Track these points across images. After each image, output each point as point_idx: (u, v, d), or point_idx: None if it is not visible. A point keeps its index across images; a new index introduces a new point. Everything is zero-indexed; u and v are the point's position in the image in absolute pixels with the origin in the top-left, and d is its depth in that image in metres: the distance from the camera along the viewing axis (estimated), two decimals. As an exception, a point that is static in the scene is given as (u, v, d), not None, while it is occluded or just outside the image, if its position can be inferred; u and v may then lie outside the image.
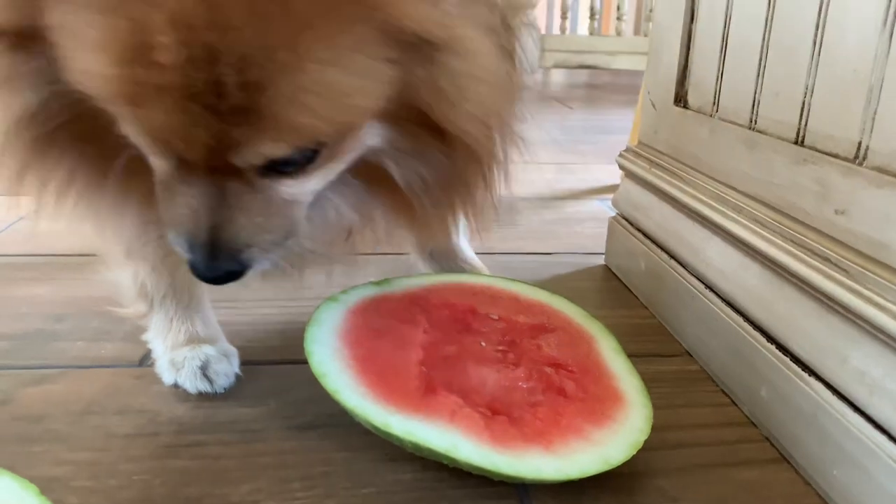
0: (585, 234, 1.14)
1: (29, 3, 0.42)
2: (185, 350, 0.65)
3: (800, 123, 0.62)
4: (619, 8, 3.14)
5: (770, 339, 0.62)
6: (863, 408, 0.51)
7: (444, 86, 0.45)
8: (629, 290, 0.92)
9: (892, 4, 0.51)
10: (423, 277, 0.72)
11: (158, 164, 0.47)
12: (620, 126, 2.05)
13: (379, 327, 0.61)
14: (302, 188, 0.48)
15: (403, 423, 0.51)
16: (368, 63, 0.42)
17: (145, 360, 0.70)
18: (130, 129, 0.43)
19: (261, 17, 0.37)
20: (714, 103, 0.77)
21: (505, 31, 0.54)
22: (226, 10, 0.37)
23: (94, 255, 0.96)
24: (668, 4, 0.86)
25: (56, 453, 0.56)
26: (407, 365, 0.57)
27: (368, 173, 0.53)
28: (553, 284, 0.94)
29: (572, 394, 0.57)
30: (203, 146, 0.41)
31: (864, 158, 0.54)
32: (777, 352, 0.61)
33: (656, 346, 0.77)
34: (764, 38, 0.67)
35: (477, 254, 1.03)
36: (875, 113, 0.53)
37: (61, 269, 0.92)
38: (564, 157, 1.72)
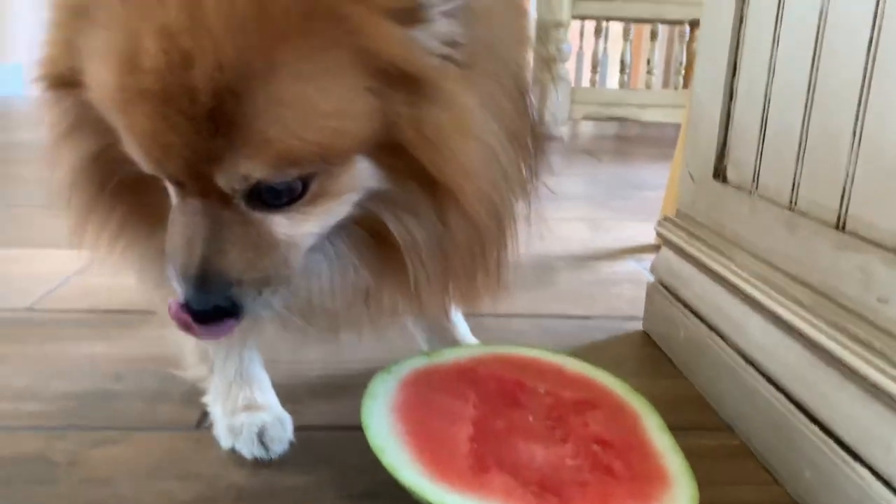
0: (623, 296, 1.16)
1: (72, 45, 0.47)
2: (243, 416, 0.68)
3: (840, 209, 0.64)
4: (648, 61, 3.19)
5: (813, 419, 0.63)
6: (910, 497, 0.52)
7: (427, 131, 0.46)
8: (668, 358, 0.93)
9: (932, 105, 0.54)
10: (471, 349, 0.74)
11: (172, 198, 0.50)
12: (653, 182, 2.08)
13: (430, 401, 0.63)
14: (297, 229, 0.49)
15: (460, 502, 0.53)
16: (347, 86, 0.43)
17: (202, 422, 0.73)
18: (126, 143, 0.46)
19: (238, 27, 0.40)
20: (753, 181, 0.79)
21: (520, 92, 0.56)
22: (205, 19, 0.40)
23: (148, 311, 1.00)
24: (706, 81, 0.89)
25: (124, 518, 0.59)
26: (459, 441, 0.59)
27: (372, 229, 0.53)
28: (592, 351, 0.96)
29: (619, 473, 0.58)
30: (179, 156, 0.43)
31: (906, 250, 0.56)
32: (821, 433, 0.62)
33: (697, 419, 0.78)
34: (804, 123, 0.70)
35: (518, 316, 1.06)
36: (916, 207, 0.55)
37: (118, 327, 0.96)
38: (598, 213, 1.75)
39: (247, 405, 0.69)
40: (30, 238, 1.35)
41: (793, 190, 0.72)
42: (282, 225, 0.48)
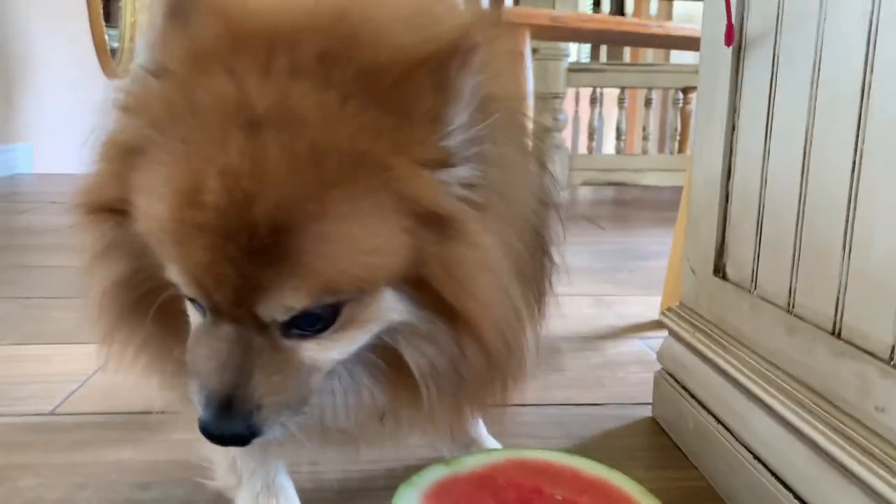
0: (630, 380, 1.19)
1: (121, 178, 0.51)
2: (272, 527, 0.71)
3: (836, 317, 0.68)
4: (644, 128, 3.28)
5: (822, 521, 0.66)
6: None
7: (452, 267, 0.51)
8: (678, 447, 0.96)
9: (913, 228, 0.58)
10: (489, 454, 0.77)
11: (193, 315, 0.53)
12: (654, 250, 2.12)
13: (454, 514, 0.66)
14: (324, 354, 0.52)
15: None
16: (386, 226, 0.48)
17: (229, 533, 0.75)
18: (173, 270, 0.50)
19: (295, 173, 0.45)
20: (752, 281, 0.83)
21: (534, 231, 0.61)
22: (266, 165, 0.45)
23: (170, 412, 1.03)
24: (704, 185, 0.94)
25: None
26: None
27: (385, 355, 0.56)
28: (603, 441, 0.98)
29: (637, 582, 0.61)
30: (231, 286, 0.47)
31: (899, 362, 0.60)
32: (830, 535, 0.64)
33: (709, 513, 0.81)
34: (796, 233, 0.74)
35: (526, 405, 1.08)
36: (905, 322, 0.59)
37: (141, 430, 0.99)
38: (600, 289, 1.78)
39: (274, 515, 0.72)
40: (47, 333, 1.39)
41: (790, 294, 0.75)
42: (310, 350, 0.52)
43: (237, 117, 0.46)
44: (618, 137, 3.25)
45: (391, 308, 0.53)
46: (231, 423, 0.50)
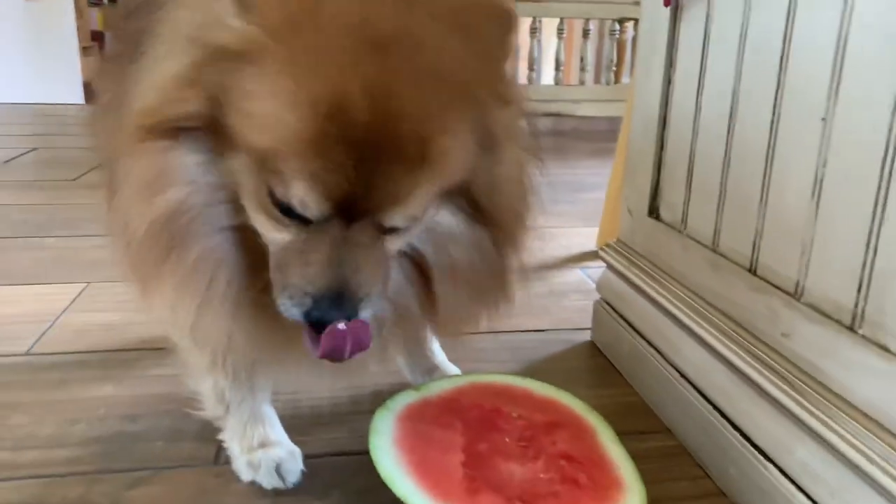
0: (572, 307, 1.30)
1: (211, 87, 0.52)
2: (260, 452, 0.79)
3: (752, 256, 0.79)
4: (582, 59, 3.34)
5: (735, 427, 0.78)
6: (807, 491, 0.67)
7: (492, 178, 0.61)
8: (615, 368, 1.08)
9: (818, 181, 0.68)
10: (453, 380, 0.87)
11: (277, 231, 0.54)
12: (591, 182, 2.23)
13: (425, 433, 0.76)
14: (395, 245, 0.59)
15: None
16: (469, 144, 0.57)
17: (219, 458, 0.83)
18: (299, 179, 0.50)
19: (424, 93, 0.51)
20: (683, 222, 0.93)
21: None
22: (402, 83, 0.50)
23: (145, 349, 1.09)
24: (642, 132, 1.02)
25: (173, 551, 0.69)
26: (454, 468, 0.71)
27: (407, 261, 0.64)
28: (549, 364, 1.10)
29: (584, 484, 0.72)
30: (369, 194, 0.51)
31: (802, 295, 0.71)
32: (742, 439, 0.77)
33: (641, 424, 0.93)
34: (722, 182, 0.84)
35: (479, 333, 1.18)
36: (808, 262, 0.70)
37: (119, 367, 1.04)
38: (544, 220, 1.88)
39: (261, 442, 0.80)
40: (11, 273, 1.40)
41: (715, 235, 0.86)
42: (390, 243, 0.58)
43: (364, 36, 0.50)
44: (556, 68, 3.31)
45: (436, 211, 0.61)
46: (342, 313, 0.54)
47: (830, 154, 0.66)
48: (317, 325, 0.55)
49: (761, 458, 0.73)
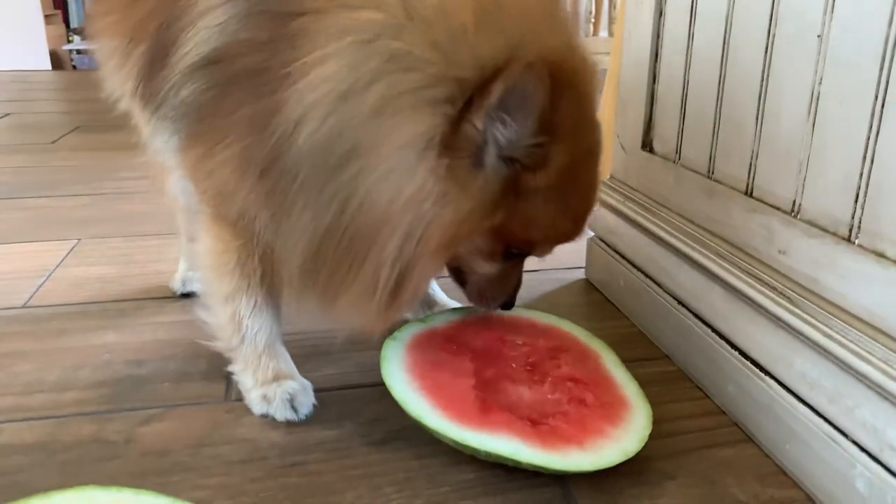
0: (565, 248, 1.31)
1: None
2: (274, 386, 0.80)
3: (748, 179, 0.80)
4: (560, 11, 3.31)
5: (733, 346, 0.81)
6: (806, 399, 0.70)
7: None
8: (611, 302, 1.10)
9: (814, 99, 0.69)
10: (456, 312, 0.88)
11: (489, 265, 0.75)
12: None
13: (435, 360, 0.77)
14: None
15: (477, 437, 0.67)
16: None
17: (229, 395, 0.84)
18: (542, 247, 0.77)
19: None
20: (677, 152, 0.95)
21: None
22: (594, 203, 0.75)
23: (144, 298, 1.09)
24: (633, 67, 1.03)
25: (191, 481, 0.70)
26: (465, 390, 0.73)
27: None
28: (547, 300, 1.11)
29: (591, 403, 0.74)
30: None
31: (798, 212, 0.73)
32: (740, 357, 0.79)
33: (641, 352, 0.95)
34: (716, 108, 0.85)
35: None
36: (804, 180, 0.71)
37: (119, 316, 1.05)
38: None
39: (275, 375, 0.81)
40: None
41: (710, 162, 0.87)
42: None
43: (593, 182, 0.75)
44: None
45: None
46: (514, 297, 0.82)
47: (826, 71, 0.68)
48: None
49: (760, 373, 0.76)
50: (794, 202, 0.73)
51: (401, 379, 0.73)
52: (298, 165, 0.63)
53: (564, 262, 1.26)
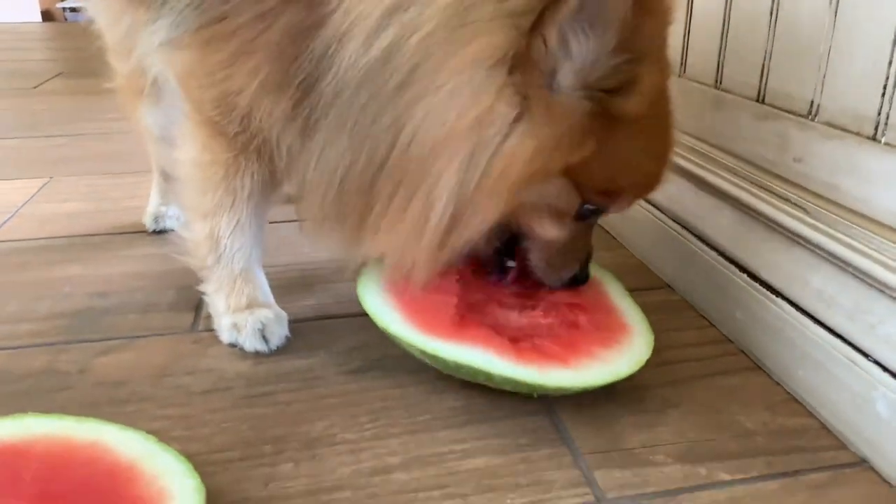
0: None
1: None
2: (246, 314, 0.73)
3: (760, 84, 0.73)
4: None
5: (742, 269, 0.74)
6: (822, 320, 0.63)
7: None
8: (607, 231, 1.03)
9: (837, -16, 0.61)
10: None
11: (560, 227, 0.64)
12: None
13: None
14: None
15: (447, 347, 0.62)
16: None
17: (196, 325, 0.78)
18: (624, 203, 0.65)
19: None
20: (682, 64, 0.87)
21: None
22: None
23: (114, 233, 1.03)
24: (634, -26, 0.94)
25: (147, 411, 0.64)
26: (445, 306, 0.67)
27: None
28: (542, 233, 1.04)
29: (585, 326, 0.67)
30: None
31: (816, 114, 0.65)
32: (749, 280, 0.72)
33: (641, 282, 0.89)
34: (726, 7, 0.77)
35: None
36: (824, 76, 0.64)
37: (86, 249, 0.98)
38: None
39: (250, 303, 0.74)
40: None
41: (717, 69, 0.80)
42: None
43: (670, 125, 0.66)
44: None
45: None
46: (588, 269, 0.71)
47: (852, -52, 0.60)
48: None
49: (771, 294, 0.69)
50: (812, 103, 0.66)
51: (375, 291, 0.67)
52: (342, 86, 0.55)
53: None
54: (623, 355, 0.64)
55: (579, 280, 0.70)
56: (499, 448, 0.60)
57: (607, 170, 0.59)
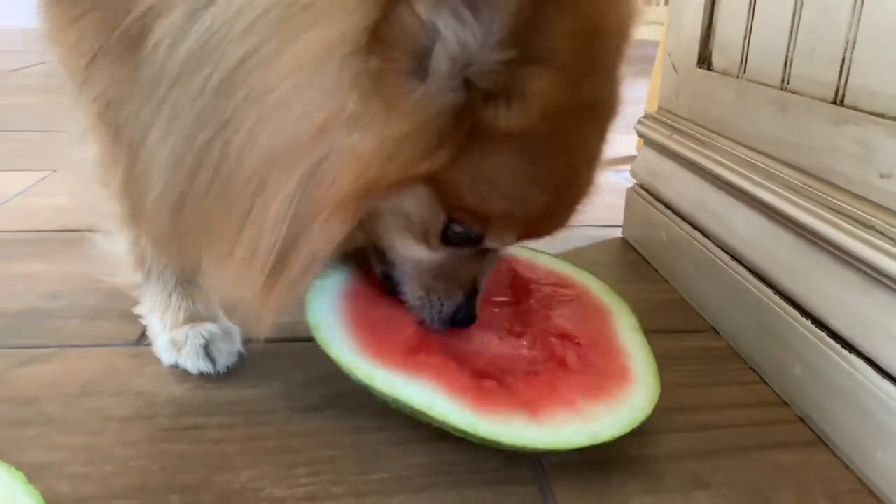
0: (602, 205, 1.08)
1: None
2: (186, 328, 0.62)
3: (839, 81, 0.58)
4: (630, -24, 3.06)
5: (804, 313, 0.58)
6: (910, 386, 0.47)
7: None
8: (648, 263, 0.88)
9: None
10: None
11: (430, 257, 0.53)
12: (634, 96, 1.99)
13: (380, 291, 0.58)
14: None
15: (386, 377, 0.50)
16: None
17: (142, 339, 0.67)
18: (502, 236, 0.52)
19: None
20: (741, 63, 0.72)
21: None
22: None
23: (91, 230, 0.93)
24: (691, -40, 0.81)
25: (49, 437, 0.53)
26: (403, 324, 0.54)
27: None
28: (575, 257, 0.90)
29: (573, 366, 0.54)
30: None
31: (913, 117, 0.50)
32: (812, 326, 0.57)
33: (680, 322, 0.74)
34: (795, 2, 0.63)
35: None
36: (926, 66, 0.49)
37: (58, 245, 0.89)
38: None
39: (189, 317, 0.63)
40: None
41: (785, 67, 0.65)
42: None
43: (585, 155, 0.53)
44: (602, -14, 3.03)
45: None
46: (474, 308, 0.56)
47: None
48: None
49: (841, 348, 0.54)
50: (908, 102, 0.50)
51: (326, 297, 0.55)
52: (162, 73, 0.43)
53: (599, 217, 1.04)
54: (610, 412, 0.50)
55: (460, 320, 0.55)
56: (464, 526, 0.46)
57: (476, 188, 0.47)
